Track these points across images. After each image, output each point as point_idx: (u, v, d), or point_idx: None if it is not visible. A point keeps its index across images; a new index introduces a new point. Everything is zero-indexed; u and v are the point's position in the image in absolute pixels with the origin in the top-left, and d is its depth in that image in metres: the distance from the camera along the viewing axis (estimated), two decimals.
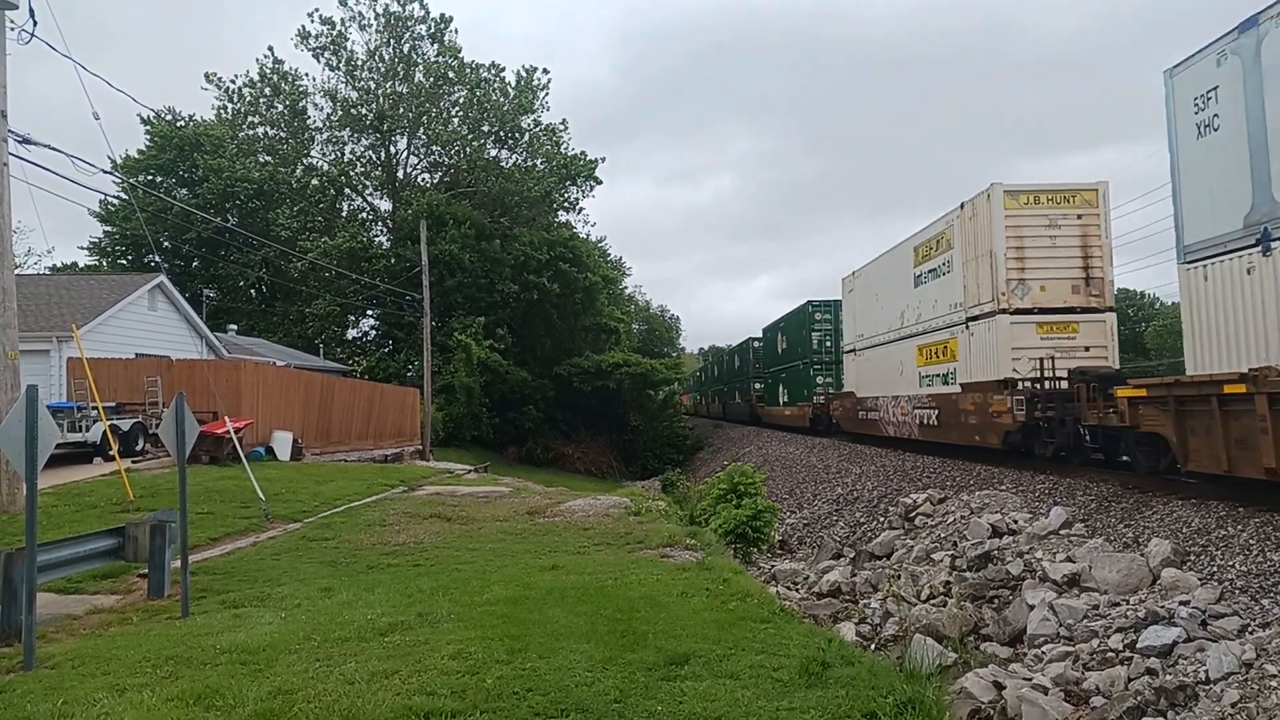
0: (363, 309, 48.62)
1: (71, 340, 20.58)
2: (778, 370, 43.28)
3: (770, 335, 45.94)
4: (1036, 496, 14.90)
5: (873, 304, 27.49)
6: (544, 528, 13.33)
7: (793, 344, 39.21)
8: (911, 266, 23.50)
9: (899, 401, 24.36)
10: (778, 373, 43.31)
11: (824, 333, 35.53)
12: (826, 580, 14.40)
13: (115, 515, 12.62)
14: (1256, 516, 10.55)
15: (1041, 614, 10.06)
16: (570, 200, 53.44)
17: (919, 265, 23.11)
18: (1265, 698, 6.92)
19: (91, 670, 6.05)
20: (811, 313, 36.24)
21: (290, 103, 48.62)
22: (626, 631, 6.68)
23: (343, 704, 5.09)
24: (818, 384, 35.37)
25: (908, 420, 23.52)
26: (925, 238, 22.74)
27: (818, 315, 35.97)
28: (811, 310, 36.31)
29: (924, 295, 22.79)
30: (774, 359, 44.25)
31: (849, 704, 5.18)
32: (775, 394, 43.67)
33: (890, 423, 25.10)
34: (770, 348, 45.74)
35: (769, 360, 45.61)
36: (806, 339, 36.36)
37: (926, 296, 22.64)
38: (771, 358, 45.01)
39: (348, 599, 8.17)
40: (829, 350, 35.13)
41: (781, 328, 42.27)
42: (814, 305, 36.22)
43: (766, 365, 46.52)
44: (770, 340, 46.00)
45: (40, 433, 6.65)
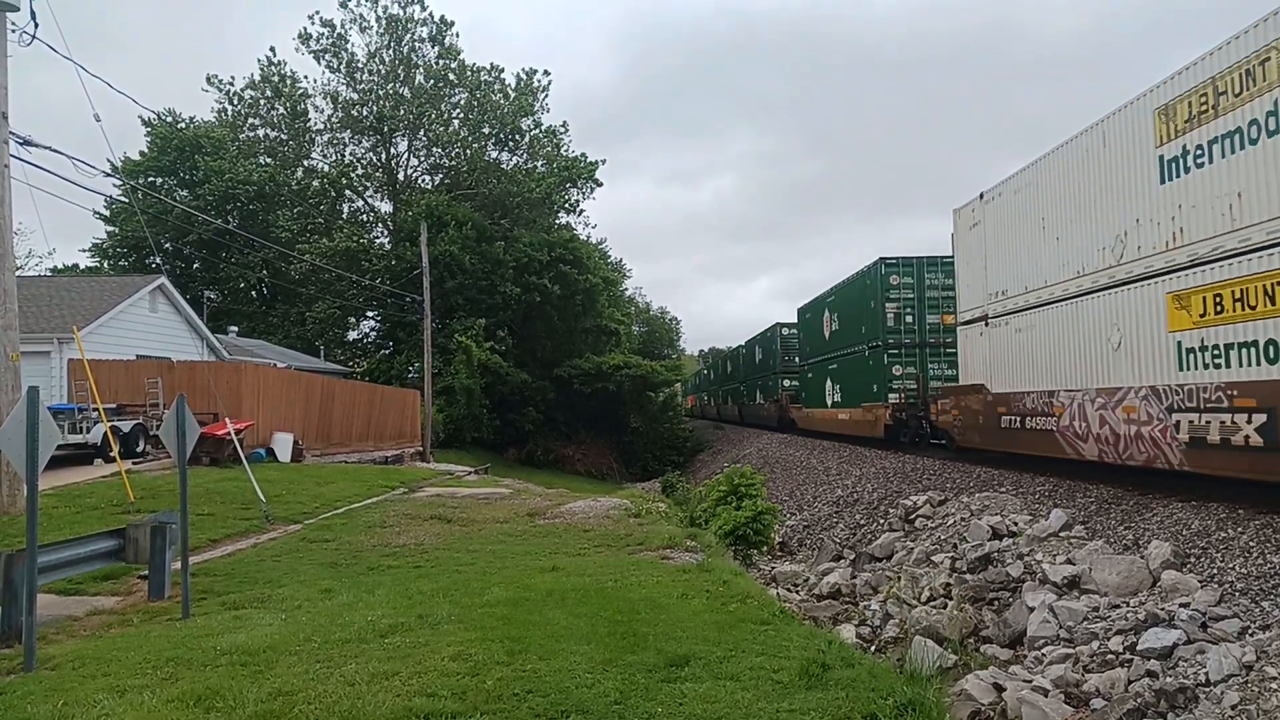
0: (363, 311, 48.66)
1: (72, 342, 20.59)
2: (822, 361, 33.14)
3: (812, 315, 35.51)
4: (1036, 498, 14.89)
5: (1032, 237, 16.74)
6: (544, 529, 13.34)
7: (851, 322, 28.85)
8: (1153, 145, 12.85)
9: (1118, 400, 13.69)
10: (822, 364, 33.13)
11: (903, 303, 25.21)
12: (826, 582, 14.40)
13: (116, 517, 12.62)
14: (1256, 519, 10.55)
15: (1041, 616, 10.05)
16: (571, 202, 53.53)
17: (1177, 138, 12.33)
18: (1265, 700, 6.92)
19: (92, 671, 6.05)
20: (884, 275, 25.12)
21: (291, 105, 48.69)
22: (627, 633, 6.68)
23: (343, 705, 5.10)
24: (894, 375, 24.92)
25: (1150, 433, 12.77)
26: (1197, 81, 11.91)
27: (893, 278, 25.12)
28: (885, 272, 25.15)
29: (1197, 191, 11.94)
30: (817, 346, 34.37)
31: (849, 706, 5.18)
32: (819, 392, 33.75)
33: (1093, 438, 14.39)
34: (812, 332, 35.77)
35: (810, 348, 36.11)
36: (876, 313, 25.62)
37: (1206, 192, 11.77)
38: (814, 344, 35.03)
39: (348, 600, 8.18)
40: (910, 328, 25.10)
41: (831, 302, 31.85)
42: (888, 264, 25.31)
43: (806, 355, 36.96)
44: (812, 322, 35.62)
45: (41, 434, 6.65)
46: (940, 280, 24.81)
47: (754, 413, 50.66)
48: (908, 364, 25.03)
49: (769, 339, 45.63)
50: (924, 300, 25.21)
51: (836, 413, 30.82)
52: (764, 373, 46.99)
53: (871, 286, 26.26)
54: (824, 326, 32.95)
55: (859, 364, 27.74)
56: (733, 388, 60.43)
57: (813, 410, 35.03)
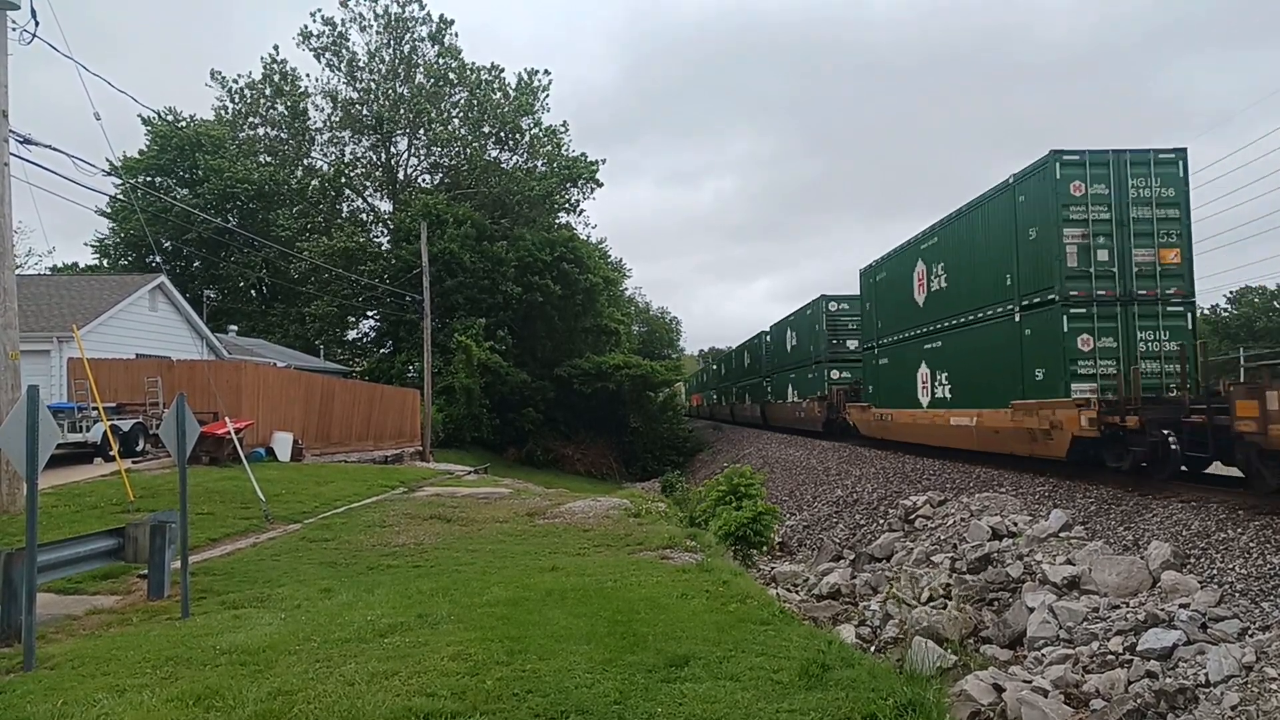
0: (363, 310, 48.66)
1: (72, 340, 20.58)
2: (909, 340, 22.90)
3: (889, 275, 24.67)
4: (1036, 499, 14.89)
5: None
6: (544, 529, 13.33)
7: (983, 270, 18.49)
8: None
9: None
10: (908, 345, 22.92)
11: (1094, 227, 15.30)
12: (826, 582, 14.40)
13: (115, 516, 12.61)
14: (1256, 519, 10.55)
15: (1041, 616, 10.06)
16: (571, 202, 53.52)
17: None
18: (1265, 700, 6.92)
19: (91, 671, 6.04)
20: (1062, 178, 15.39)
21: (291, 103, 48.68)
22: (626, 633, 6.68)
23: (343, 705, 5.09)
24: (1080, 352, 15.26)
25: None
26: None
27: (1075, 185, 15.38)
28: (1063, 174, 15.40)
29: None
30: (899, 318, 23.70)
31: (849, 706, 5.18)
32: (902, 385, 23.28)
33: None
34: (888, 300, 24.79)
35: (883, 323, 25.33)
36: (1049, 246, 15.65)
37: None
38: (893, 317, 24.34)
39: (348, 600, 8.17)
40: (1105, 270, 15.29)
41: (931, 248, 21.32)
42: (1067, 161, 15.44)
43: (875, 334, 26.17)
44: (888, 285, 24.77)
45: (41, 433, 6.65)
46: (1154, 189, 15.18)
47: (783, 414, 40.04)
48: (1104, 332, 15.21)
49: (808, 319, 35.49)
50: (1127, 224, 15.14)
51: (945, 415, 20.23)
52: (799, 363, 37.03)
53: (1039, 199, 15.65)
54: (914, 288, 22.47)
55: (1000, 336, 17.46)
56: (750, 384, 51.40)
57: (891, 411, 24.19)
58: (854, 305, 31.26)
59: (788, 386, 39.85)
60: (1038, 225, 16.00)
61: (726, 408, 62.20)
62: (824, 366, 32.97)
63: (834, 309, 32.96)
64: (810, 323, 35.60)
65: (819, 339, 33.87)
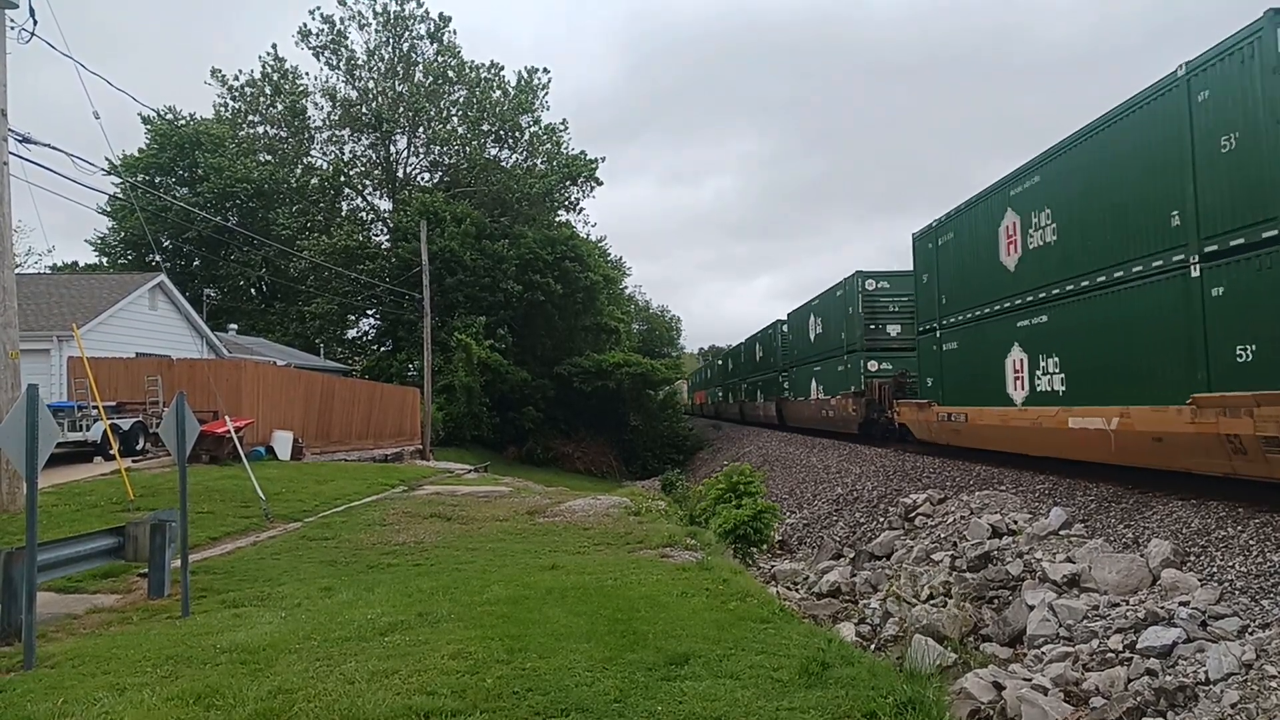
0: (363, 308, 48.67)
1: (72, 339, 20.58)
2: (1038, 301, 15.66)
3: (977, 221, 18.24)
4: (1036, 497, 14.89)
5: None
6: (544, 528, 13.34)
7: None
8: None
9: None
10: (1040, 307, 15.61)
11: None
12: (826, 580, 14.40)
13: (115, 514, 12.62)
14: (1256, 517, 10.55)
15: (1041, 614, 10.06)
16: (570, 200, 53.54)
17: None
18: (1265, 698, 6.92)
19: (91, 669, 6.05)
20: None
21: (290, 102, 48.68)
22: (626, 631, 6.68)
23: (343, 703, 5.09)
24: None
25: None
26: None
27: None
28: None
29: None
30: (993, 282, 17.35)
31: (849, 704, 5.18)
32: (986, 374, 17.56)
33: None
34: (965, 265, 18.91)
35: (967, 288, 18.81)
36: None
37: None
38: (979, 283, 18.11)
39: (348, 598, 8.17)
40: None
41: (1094, 141, 13.99)
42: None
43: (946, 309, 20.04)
44: (971, 236, 18.50)
45: (41, 432, 6.65)
46: None
47: (805, 413, 34.94)
48: None
49: (838, 302, 29.79)
50: None
51: (1058, 416, 14.69)
52: (825, 354, 31.42)
53: (1241, 90, 10.72)
54: (1000, 247, 16.89)
55: (1158, 301, 12.33)
56: (763, 379, 45.68)
57: (966, 410, 18.49)
58: (896, 283, 26.73)
59: (810, 381, 34.04)
60: (1239, 129, 10.63)
61: (734, 406, 56.06)
62: (859, 356, 27.05)
63: (871, 287, 27.54)
64: (841, 305, 29.65)
65: (852, 324, 28.22)
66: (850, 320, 28.45)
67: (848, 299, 28.94)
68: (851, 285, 28.39)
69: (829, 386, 31.02)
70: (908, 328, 25.47)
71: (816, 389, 33.00)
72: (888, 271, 27.73)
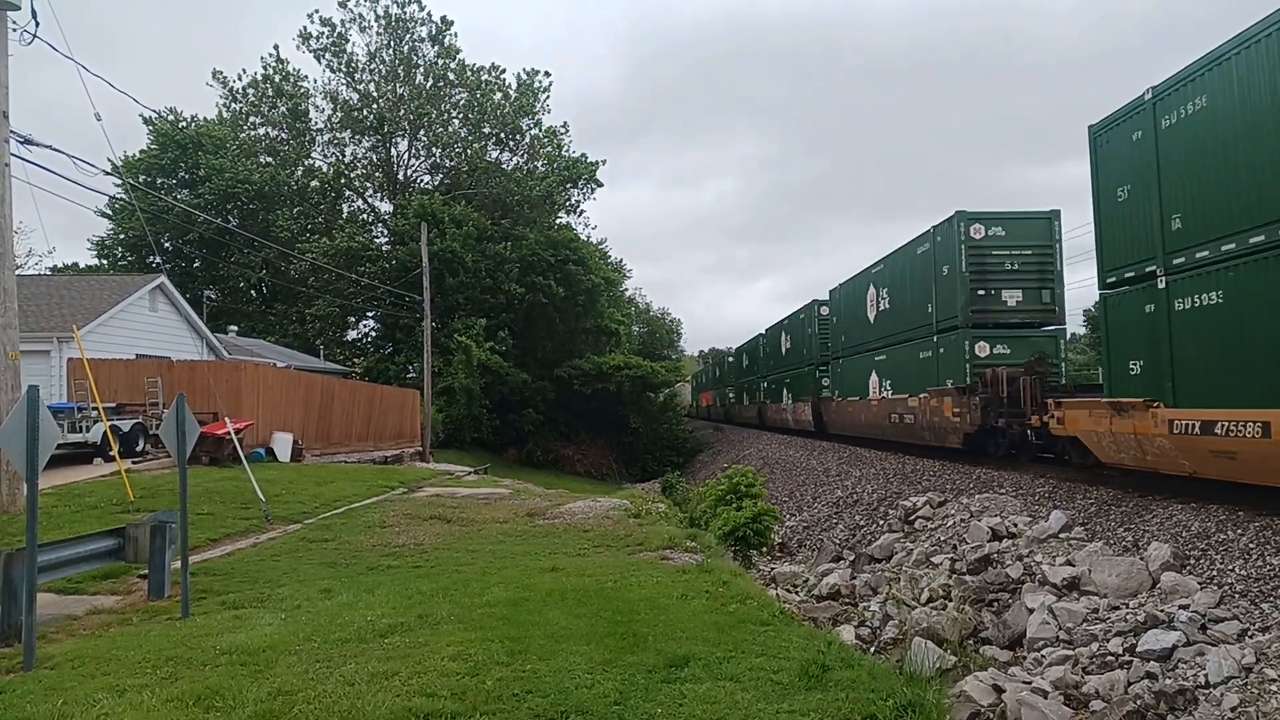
0: (363, 310, 48.70)
1: (72, 341, 20.58)
2: None
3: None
4: (1036, 500, 14.88)
5: None
6: (544, 530, 13.33)
7: None
8: None
9: None
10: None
11: None
12: (826, 583, 14.40)
13: (115, 516, 12.62)
14: (1256, 520, 10.55)
15: (1041, 617, 10.06)
16: (571, 203, 53.60)
17: None
18: (1265, 702, 6.92)
19: (91, 671, 6.05)
20: None
21: (292, 104, 48.74)
22: (626, 634, 6.68)
23: (343, 705, 5.10)
24: None
25: None
26: None
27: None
28: None
29: None
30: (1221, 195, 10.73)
31: (849, 707, 5.18)
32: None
33: None
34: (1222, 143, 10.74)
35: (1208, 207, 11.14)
36: None
37: None
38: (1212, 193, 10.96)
39: (348, 600, 8.17)
40: None
41: None
42: None
43: (1174, 237, 12.01)
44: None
45: (41, 433, 6.65)
46: None
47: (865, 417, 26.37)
48: None
49: (922, 261, 21.70)
50: None
51: None
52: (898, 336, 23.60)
53: None
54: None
55: None
56: (791, 376, 38.03)
57: (1227, 418, 10.54)
58: (1015, 230, 19.30)
59: (869, 376, 25.93)
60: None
61: (751, 408, 48.71)
62: (963, 337, 19.38)
63: (979, 235, 19.26)
64: (927, 266, 21.27)
65: (949, 291, 19.84)
66: (945, 285, 20.16)
67: (941, 254, 20.37)
68: (949, 234, 19.70)
69: (904, 382, 22.86)
70: (1030, 295, 19.41)
71: (881, 386, 24.91)
72: (1002, 214, 19.65)
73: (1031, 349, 18.90)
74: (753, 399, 49.09)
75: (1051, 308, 19.62)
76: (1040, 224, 19.46)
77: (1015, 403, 17.45)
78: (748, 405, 51.14)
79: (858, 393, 27.38)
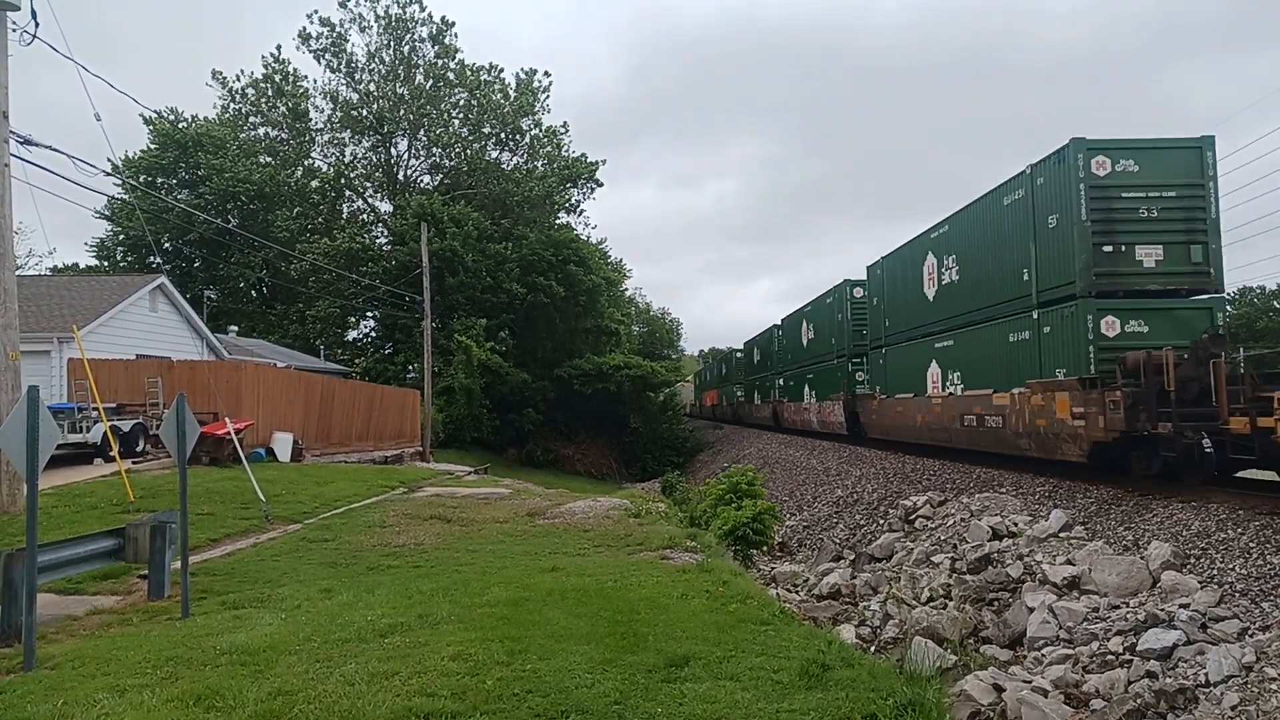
0: (363, 311, 48.69)
1: (72, 341, 20.58)
2: None
3: None
4: (1036, 499, 14.88)
5: None
6: (544, 529, 13.33)
7: None
8: None
9: None
10: None
11: None
12: (826, 582, 14.40)
13: (116, 516, 12.61)
14: (1256, 519, 10.55)
15: (1041, 617, 10.06)
16: (571, 202, 53.60)
17: None
18: (1265, 700, 6.92)
19: (92, 671, 6.05)
20: None
21: (292, 104, 48.74)
22: (626, 633, 6.68)
23: (343, 705, 5.10)
24: None
25: None
26: None
27: None
28: None
29: None
30: None
31: (849, 706, 5.18)
32: None
33: None
34: None
35: None
36: None
37: None
38: None
39: (348, 600, 8.17)
40: None
41: None
42: None
43: None
44: None
45: (41, 433, 6.65)
46: None
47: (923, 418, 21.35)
48: None
49: (1011, 213, 17.04)
50: None
51: None
52: (977, 314, 18.55)
53: None
54: None
55: None
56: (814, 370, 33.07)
57: None
58: (1152, 163, 14.59)
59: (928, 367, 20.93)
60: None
61: (765, 408, 43.81)
62: (1083, 308, 14.38)
63: (1102, 172, 14.45)
64: (1020, 218, 16.55)
65: (1061, 249, 15.13)
66: (1053, 242, 15.27)
67: (1046, 200, 15.54)
68: (1059, 172, 15.04)
69: (983, 374, 17.90)
70: (1175, 252, 14.48)
71: (947, 381, 19.76)
72: (1135, 142, 14.72)
73: (1177, 326, 14.20)
74: (765, 397, 44.38)
75: (1205, 269, 14.39)
76: (1187, 156, 14.48)
77: (1194, 398, 12.63)
78: (760, 405, 46.17)
79: (911, 388, 22.04)
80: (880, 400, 24.78)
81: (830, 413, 30.32)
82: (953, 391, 19.52)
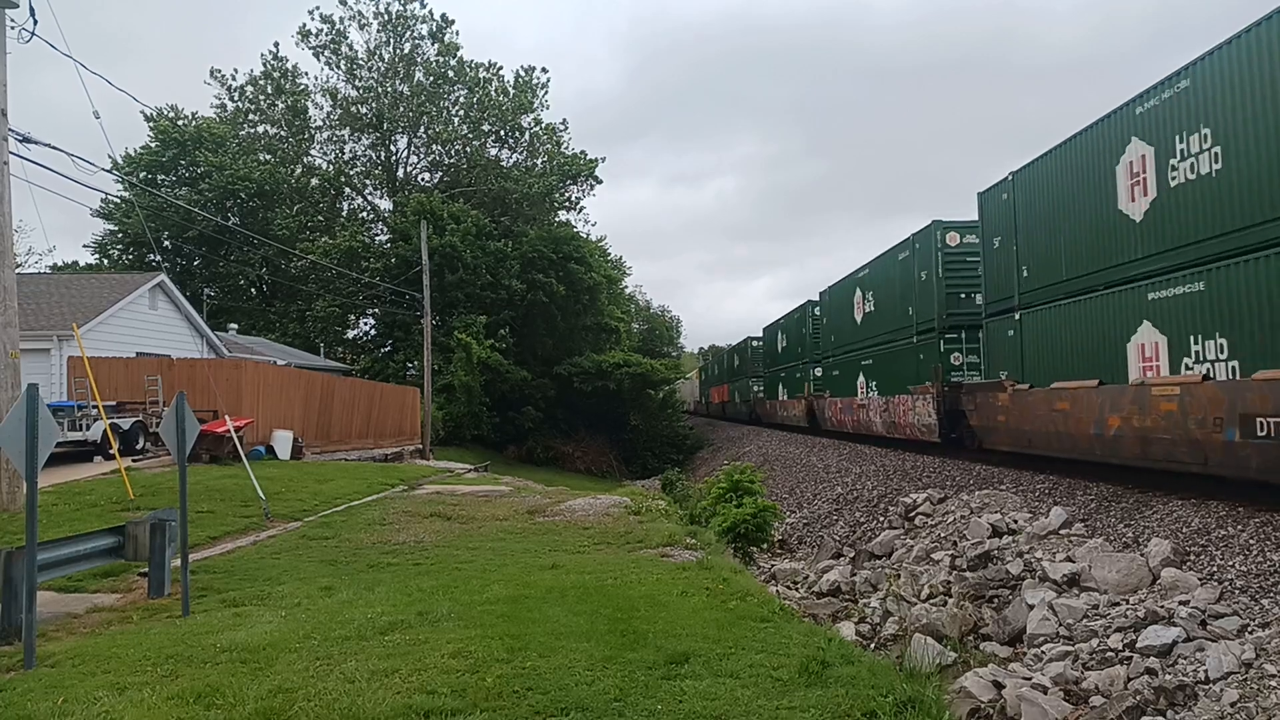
0: (363, 308, 48.68)
1: (72, 339, 20.58)
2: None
3: None
4: (1036, 496, 14.89)
5: None
6: (544, 527, 13.34)
7: None
8: None
9: None
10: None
11: None
12: (826, 579, 14.40)
13: (115, 514, 12.62)
14: (1256, 516, 10.55)
15: (1041, 613, 10.05)
16: (570, 199, 53.59)
17: None
18: (1265, 697, 6.92)
19: (92, 669, 6.05)
20: None
21: (291, 101, 48.70)
22: (626, 630, 6.68)
23: (343, 702, 5.10)
24: None
25: None
26: None
27: None
28: None
29: None
30: None
31: (849, 703, 5.18)
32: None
33: None
34: None
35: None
36: None
37: None
38: None
39: (348, 598, 8.18)
40: None
41: None
42: None
43: None
44: None
45: (40, 431, 6.65)
46: None
47: (1118, 426, 12.69)
48: None
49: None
50: None
51: None
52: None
53: None
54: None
55: None
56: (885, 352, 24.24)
57: None
58: None
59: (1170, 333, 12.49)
60: None
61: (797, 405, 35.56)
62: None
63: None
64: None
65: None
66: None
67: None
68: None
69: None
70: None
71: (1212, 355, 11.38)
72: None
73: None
74: (797, 392, 35.11)
75: None
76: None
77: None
78: (788, 401, 36.81)
79: (1121, 376, 13.11)
80: (1015, 392, 16.05)
81: (907, 411, 21.71)
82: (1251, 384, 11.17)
